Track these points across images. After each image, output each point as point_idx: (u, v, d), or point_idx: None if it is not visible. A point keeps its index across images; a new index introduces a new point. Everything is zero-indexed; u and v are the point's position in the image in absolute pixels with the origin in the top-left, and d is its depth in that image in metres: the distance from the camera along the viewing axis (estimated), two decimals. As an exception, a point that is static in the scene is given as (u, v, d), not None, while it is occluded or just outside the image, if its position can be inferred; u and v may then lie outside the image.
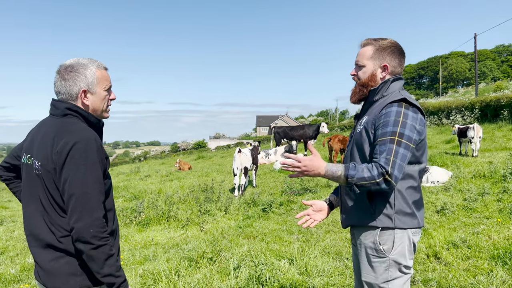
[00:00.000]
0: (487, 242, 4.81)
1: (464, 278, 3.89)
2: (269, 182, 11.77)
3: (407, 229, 2.08)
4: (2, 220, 9.77)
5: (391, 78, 2.20)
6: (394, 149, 1.91)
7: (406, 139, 1.94)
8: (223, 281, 4.20)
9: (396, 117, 1.98)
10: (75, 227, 1.71)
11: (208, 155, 31.66)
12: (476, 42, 32.82)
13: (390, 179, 1.86)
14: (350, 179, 1.93)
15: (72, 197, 1.72)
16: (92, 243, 1.71)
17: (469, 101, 23.25)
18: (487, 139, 15.00)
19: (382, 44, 2.21)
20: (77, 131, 1.81)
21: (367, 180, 1.89)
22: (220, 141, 56.68)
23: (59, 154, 1.75)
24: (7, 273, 5.34)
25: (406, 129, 1.95)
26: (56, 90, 1.94)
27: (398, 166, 1.89)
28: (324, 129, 18.89)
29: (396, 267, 2.07)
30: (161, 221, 7.95)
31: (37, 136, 1.92)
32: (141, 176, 17.62)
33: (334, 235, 5.78)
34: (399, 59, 2.23)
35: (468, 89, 57.62)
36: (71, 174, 1.73)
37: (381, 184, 1.87)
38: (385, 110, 2.04)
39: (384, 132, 1.97)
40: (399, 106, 2.02)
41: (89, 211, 1.73)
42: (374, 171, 1.89)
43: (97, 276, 1.78)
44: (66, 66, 1.93)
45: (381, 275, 2.09)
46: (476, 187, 7.51)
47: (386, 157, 1.90)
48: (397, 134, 1.94)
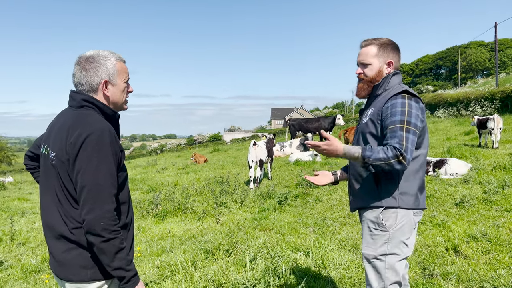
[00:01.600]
0: (508, 235, 4.71)
1: (485, 272, 3.82)
2: (285, 175, 11.75)
3: (410, 210, 2.29)
4: (23, 212, 10.00)
5: (391, 73, 2.42)
6: (405, 135, 2.09)
7: (413, 126, 2.14)
8: (239, 273, 4.21)
9: (402, 107, 2.18)
10: (86, 219, 1.71)
11: (224, 148, 31.77)
12: (497, 31, 31.96)
13: (404, 160, 2.05)
14: (367, 159, 2.10)
15: (84, 189, 1.72)
16: (103, 235, 1.71)
17: (489, 92, 22.74)
18: (507, 131, 14.67)
19: (383, 42, 2.42)
20: (92, 122, 1.80)
21: (382, 161, 2.07)
22: (235, 134, 56.83)
23: (73, 146, 1.74)
24: (28, 264, 5.47)
25: (412, 117, 2.16)
26: (76, 81, 1.93)
27: (409, 150, 2.08)
28: (340, 121, 18.73)
29: (395, 242, 2.28)
30: (178, 213, 8.02)
31: (54, 127, 1.93)
32: (158, 169, 17.79)
33: (350, 228, 5.74)
34: (398, 55, 2.46)
35: (488, 79, 56.25)
36: (84, 166, 1.73)
37: (395, 165, 2.06)
38: (391, 102, 2.24)
39: (393, 121, 2.16)
40: (402, 98, 2.22)
41: (100, 204, 1.72)
42: (389, 153, 2.06)
43: (108, 269, 1.78)
44: (86, 57, 1.92)
45: (380, 247, 2.31)
46: (496, 180, 7.34)
47: (399, 142, 2.07)
48: (405, 122, 2.13)
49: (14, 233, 7.22)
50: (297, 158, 14.04)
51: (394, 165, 2.06)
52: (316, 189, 8.86)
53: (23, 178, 24.90)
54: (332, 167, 11.27)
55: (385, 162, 2.07)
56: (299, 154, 14.40)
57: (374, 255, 2.32)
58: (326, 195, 8.14)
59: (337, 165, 12.08)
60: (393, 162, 2.05)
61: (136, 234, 6.77)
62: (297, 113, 75.83)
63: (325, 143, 2.19)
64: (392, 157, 2.05)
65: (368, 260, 2.38)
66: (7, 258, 5.94)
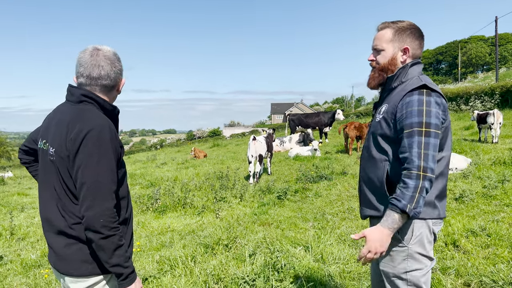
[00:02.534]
0: (508, 230, 4.71)
1: (484, 267, 3.82)
2: (284, 170, 11.75)
3: (427, 220, 2.01)
4: (23, 207, 10.00)
5: (409, 63, 2.10)
6: (424, 141, 1.84)
7: (434, 128, 1.86)
8: (239, 267, 4.22)
9: (419, 107, 1.89)
10: (86, 215, 1.70)
11: (223, 143, 31.76)
12: (497, 25, 31.86)
13: (426, 173, 1.81)
14: (408, 211, 1.82)
15: (83, 185, 1.71)
16: (102, 232, 1.71)
17: (489, 87, 22.71)
18: (507, 125, 14.66)
19: (401, 26, 2.11)
20: (92, 118, 1.79)
21: (416, 193, 1.81)
22: (235, 129, 56.81)
23: (73, 141, 1.74)
24: (28, 259, 5.47)
25: (432, 117, 1.87)
26: (104, 74, 1.90)
27: (431, 158, 1.82)
28: (340, 116, 18.72)
29: (416, 257, 2.01)
30: (177, 208, 8.02)
31: (52, 122, 1.92)
32: (157, 164, 17.79)
33: (350, 223, 5.74)
34: (419, 41, 2.12)
35: (488, 74, 56.19)
36: (84, 162, 1.72)
37: (424, 184, 1.81)
38: (407, 99, 1.94)
39: (409, 123, 1.89)
40: (420, 94, 1.92)
41: (100, 201, 1.72)
42: (413, 179, 1.81)
43: (106, 265, 1.78)
44: (113, 52, 1.95)
45: (399, 265, 2.04)
46: (496, 174, 7.34)
47: (418, 151, 1.83)
48: (424, 124, 1.86)
49: (13, 228, 7.22)
50: (296, 153, 14.04)
51: (425, 187, 1.81)
52: (315, 184, 8.86)
53: (23, 173, 24.89)
54: (331, 162, 11.26)
55: (419, 193, 1.80)
56: (298, 149, 14.40)
57: (393, 273, 2.06)
58: (325, 190, 8.14)
59: (337, 159, 12.09)
60: (423, 185, 1.80)
61: (136, 229, 6.78)
62: (297, 108, 75.76)
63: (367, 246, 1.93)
64: (417, 180, 1.80)
65: (387, 277, 2.12)
66: (6, 253, 5.94)
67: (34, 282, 4.53)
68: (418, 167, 1.80)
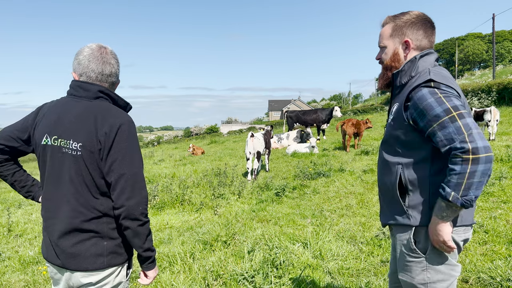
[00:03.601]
0: (505, 226, 4.74)
1: (482, 263, 3.84)
2: (282, 167, 11.76)
3: None
4: (20, 203, 9.97)
5: (418, 55, 1.94)
6: (462, 124, 1.64)
7: (462, 108, 1.68)
8: (238, 264, 4.22)
9: (434, 96, 1.73)
10: (126, 205, 1.79)
11: (221, 139, 31.74)
12: (494, 22, 31.89)
13: (478, 154, 1.59)
14: (452, 199, 1.65)
15: (122, 176, 1.79)
16: (140, 219, 1.82)
17: (486, 84, 22.77)
18: (504, 123, 14.71)
19: (401, 19, 1.99)
20: (120, 113, 1.89)
21: (463, 179, 1.61)
22: (233, 126, 56.75)
23: (107, 135, 1.79)
24: (26, 255, 5.46)
25: (453, 100, 1.70)
26: (114, 72, 1.99)
27: (478, 135, 1.61)
28: (337, 113, 18.74)
29: (436, 268, 1.85)
30: (176, 204, 8.02)
31: (65, 118, 1.87)
32: (155, 161, 17.76)
33: (348, 219, 5.76)
34: (423, 30, 1.97)
35: (485, 71, 56.34)
36: (121, 155, 1.80)
37: (477, 167, 1.59)
38: (417, 95, 1.78)
39: (433, 118, 1.70)
40: (428, 86, 1.77)
41: (139, 189, 1.83)
42: (458, 165, 1.63)
43: (139, 250, 1.89)
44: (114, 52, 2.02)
45: (418, 276, 1.89)
46: (493, 171, 7.37)
47: (458, 137, 1.63)
48: (451, 109, 1.67)
49: (11, 224, 7.21)
50: (294, 150, 14.05)
51: (476, 169, 1.59)
52: (313, 181, 8.88)
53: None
54: (329, 159, 11.28)
55: (467, 180, 1.61)
56: (296, 146, 14.41)
57: (412, 283, 1.92)
58: (323, 187, 8.16)
59: (334, 156, 12.10)
60: (471, 170, 1.60)
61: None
62: (294, 105, 75.78)
63: (432, 240, 1.80)
64: (464, 165, 1.60)
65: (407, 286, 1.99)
66: (4, 250, 5.93)
67: (32, 279, 4.53)
68: (465, 151, 1.60)
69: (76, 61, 1.93)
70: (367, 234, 4.97)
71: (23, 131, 1.98)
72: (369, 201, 6.67)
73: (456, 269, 1.88)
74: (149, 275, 1.98)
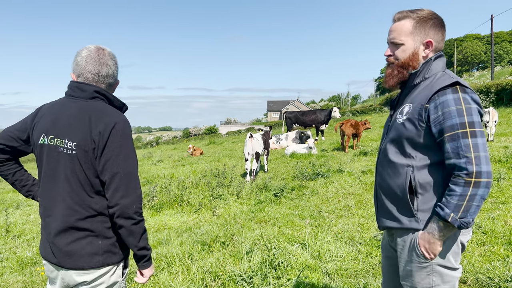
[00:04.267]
0: (503, 227, 4.74)
1: (480, 264, 3.85)
2: (281, 167, 11.76)
3: None
4: (18, 204, 9.95)
5: (432, 57, 1.90)
6: (471, 143, 1.64)
7: (478, 126, 1.68)
8: (236, 264, 4.22)
9: (457, 106, 1.69)
10: (120, 203, 1.81)
11: (219, 140, 31.72)
12: (493, 24, 31.97)
13: (480, 178, 1.62)
14: (451, 220, 1.68)
15: (116, 175, 1.81)
16: (134, 218, 1.84)
17: (484, 85, 22.82)
18: (502, 124, 14.73)
19: (422, 15, 1.90)
20: (114, 113, 1.91)
21: (463, 201, 1.64)
22: (231, 127, 56.76)
23: (101, 135, 1.82)
24: (24, 256, 5.45)
25: (473, 115, 1.68)
26: (111, 73, 2.01)
27: (484, 159, 1.63)
28: (336, 114, 18.74)
29: (441, 272, 1.86)
30: (174, 205, 8.01)
31: (62, 118, 1.91)
32: (153, 161, 17.74)
33: (346, 220, 5.76)
34: (441, 32, 1.92)
35: (484, 72, 56.47)
36: (115, 154, 1.82)
37: (478, 191, 1.63)
38: (441, 99, 1.74)
39: (450, 126, 1.69)
40: (454, 92, 1.73)
41: (134, 188, 1.85)
42: (460, 186, 1.65)
43: (133, 249, 1.90)
44: (113, 53, 2.04)
45: (423, 280, 1.89)
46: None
47: (466, 155, 1.64)
48: (467, 124, 1.66)
49: (9, 225, 7.18)
50: (293, 151, 14.05)
51: (479, 194, 1.63)
52: (312, 181, 8.88)
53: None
54: (328, 160, 11.29)
55: (467, 202, 1.64)
56: (295, 147, 14.41)
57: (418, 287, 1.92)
58: (322, 188, 8.16)
59: (333, 157, 12.11)
60: (474, 193, 1.63)
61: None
62: (293, 105, 75.76)
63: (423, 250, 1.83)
64: (466, 188, 1.63)
65: None
66: (2, 251, 5.92)
67: (30, 280, 4.52)
68: (469, 173, 1.63)
69: (74, 62, 1.97)
70: (366, 235, 4.98)
71: (23, 131, 2.02)
72: (367, 202, 6.67)
73: (459, 271, 1.89)
74: (145, 273, 2.00)
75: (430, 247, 1.80)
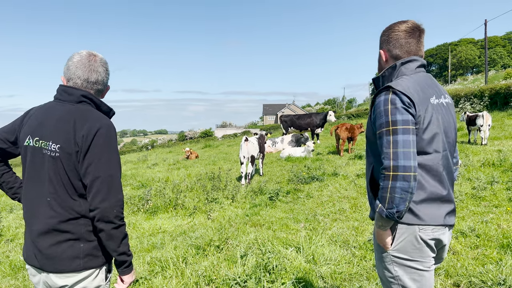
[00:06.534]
0: (496, 231, 4.77)
1: (473, 267, 3.86)
2: (276, 171, 11.76)
3: (412, 225, 1.92)
4: (11, 207, 9.88)
5: (399, 62, 2.04)
6: (392, 140, 1.81)
7: (402, 124, 1.82)
8: (230, 268, 4.21)
9: (384, 106, 1.88)
10: (101, 207, 1.81)
11: (215, 143, 31.69)
12: (487, 28, 32.24)
13: (397, 172, 1.76)
14: (379, 210, 1.86)
15: (97, 179, 1.81)
16: (114, 222, 1.84)
17: (478, 89, 22.94)
18: (496, 127, 14.82)
19: (383, 31, 2.16)
20: (99, 117, 1.92)
21: (386, 194, 1.81)
22: (227, 130, 56.71)
23: (85, 138, 1.83)
24: (17, 260, 5.41)
25: (397, 114, 1.83)
26: (100, 79, 2.03)
27: (402, 154, 1.77)
28: (331, 118, 18.79)
29: (399, 262, 1.97)
30: (169, 209, 7.98)
31: (48, 121, 1.93)
32: (148, 165, 17.68)
33: (341, 224, 5.77)
34: (396, 40, 2.07)
35: (478, 76, 56.88)
36: (97, 157, 1.83)
37: (396, 184, 1.77)
38: (376, 101, 1.95)
39: (379, 124, 1.89)
40: (386, 94, 1.91)
41: (115, 192, 1.85)
42: (381, 180, 1.83)
43: (113, 254, 1.90)
44: (104, 60, 2.06)
45: (385, 269, 2.04)
46: (485, 176, 7.43)
47: (386, 151, 1.82)
48: (390, 123, 1.83)
49: (2, 229, 7.13)
50: (288, 154, 14.07)
51: (395, 185, 1.77)
52: (307, 185, 8.89)
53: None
54: (323, 163, 11.30)
55: (389, 194, 1.80)
56: (290, 150, 14.42)
57: (385, 276, 2.07)
58: (317, 191, 8.17)
59: (328, 161, 12.13)
60: (391, 185, 1.78)
61: (127, 230, 6.73)
62: (288, 109, 75.86)
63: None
64: (386, 181, 1.80)
65: (381, 280, 2.14)
66: (-5, 255, 5.87)
67: (23, 284, 4.48)
68: (388, 167, 1.79)
69: (66, 67, 1.99)
70: (360, 239, 4.98)
71: (11, 133, 2.05)
72: (362, 205, 6.69)
73: (424, 264, 1.97)
74: (125, 280, 1.99)
75: (377, 236, 1.99)
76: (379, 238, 1.99)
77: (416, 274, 1.97)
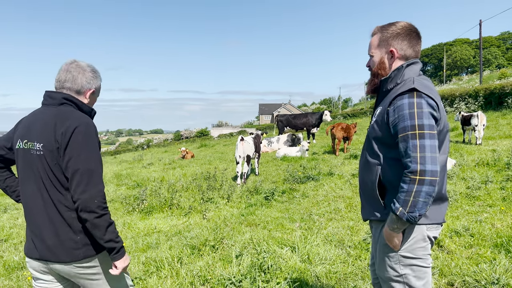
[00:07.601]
0: (490, 230, 4.79)
1: (467, 266, 3.88)
2: (272, 170, 11.76)
3: (421, 225, 1.98)
4: (5, 207, 9.82)
5: (404, 64, 2.08)
6: (419, 144, 1.79)
7: (428, 129, 1.81)
8: (226, 268, 4.21)
9: (410, 109, 1.85)
10: (81, 198, 1.93)
11: (211, 143, 31.66)
12: (481, 28, 32.42)
13: (424, 176, 1.76)
14: (399, 213, 1.84)
15: (77, 172, 1.95)
16: (96, 212, 1.95)
17: (473, 89, 23.07)
18: (491, 127, 14.91)
19: (388, 29, 2.13)
20: (78, 116, 2.07)
21: (409, 197, 1.79)
22: (223, 129, 56.68)
23: (64, 135, 1.97)
24: (11, 260, 5.37)
25: (424, 118, 1.82)
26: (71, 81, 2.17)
27: (430, 159, 1.77)
28: (327, 117, 18.83)
29: (406, 262, 2.01)
30: (164, 209, 7.96)
31: (35, 124, 2.12)
32: (144, 164, 17.64)
33: (336, 223, 5.78)
34: (408, 40, 2.10)
35: (472, 76, 57.17)
36: (76, 152, 1.97)
37: (422, 188, 1.77)
38: (398, 103, 1.91)
39: (402, 128, 1.86)
40: (410, 97, 1.88)
41: (94, 184, 1.97)
42: (406, 183, 1.80)
43: (100, 241, 2.02)
44: (92, 66, 2.26)
45: (391, 268, 2.06)
46: (479, 175, 7.47)
47: (412, 155, 1.79)
48: (417, 127, 1.81)
49: (-4, 229, 7.08)
50: (284, 154, 14.07)
51: (424, 190, 1.76)
52: (302, 184, 8.90)
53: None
54: (318, 163, 11.32)
55: (413, 198, 1.78)
56: (286, 150, 14.43)
57: (388, 277, 2.08)
58: (312, 191, 8.18)
59: (324, 160, 12.15)
60: (417, 189, 1.77)
61: (122, 230, 6.71)
62: (284, 108, 75.93)
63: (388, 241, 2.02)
64: (412, 185, 1.78)
65: (383, 281, 2.15)
66: (-12, 255, 5.82)
67: (17, 284, 4.46)
68: (415, 171, 1.77)
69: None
70: (355, 238, 4.99)
71: (8, 141, 2.27)
72: (357, 204, 6.70)
73: (427, 261, 2.03)
74: (117, 265, 2.10)
75: (388, 237, 1.99)
76: (390, 240, 1.99)
77: (421, 271, 2.02)
